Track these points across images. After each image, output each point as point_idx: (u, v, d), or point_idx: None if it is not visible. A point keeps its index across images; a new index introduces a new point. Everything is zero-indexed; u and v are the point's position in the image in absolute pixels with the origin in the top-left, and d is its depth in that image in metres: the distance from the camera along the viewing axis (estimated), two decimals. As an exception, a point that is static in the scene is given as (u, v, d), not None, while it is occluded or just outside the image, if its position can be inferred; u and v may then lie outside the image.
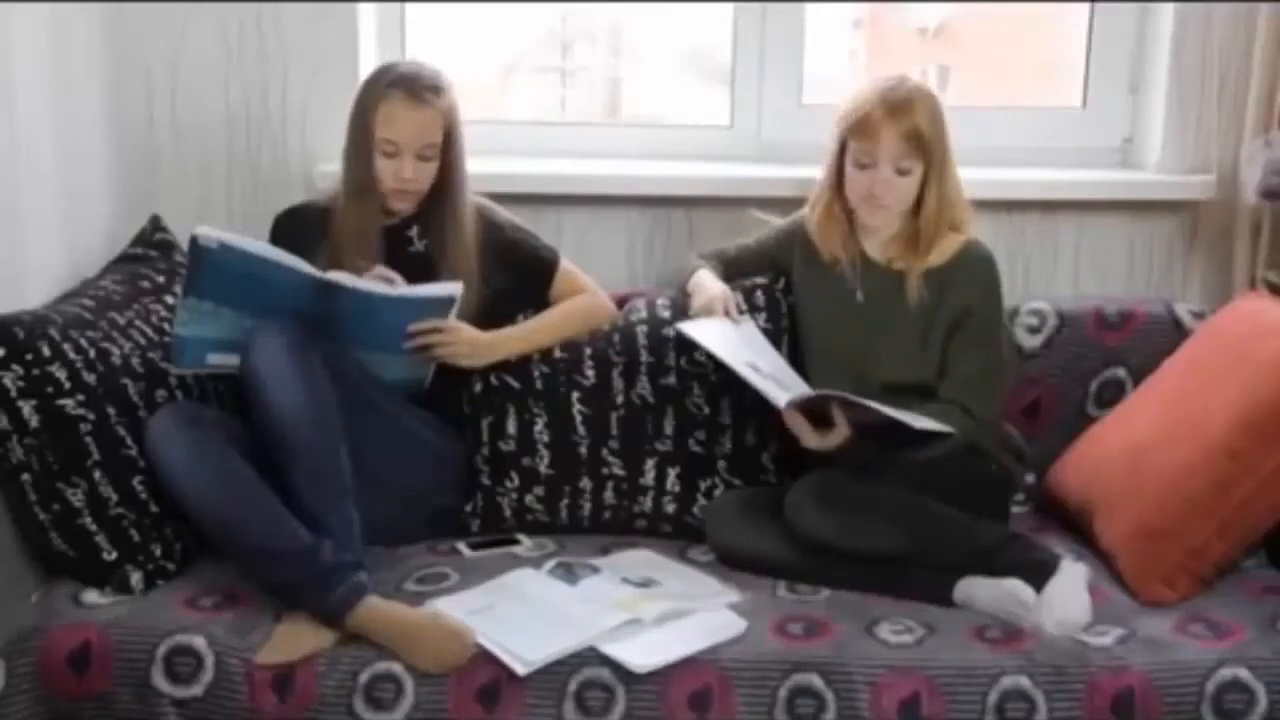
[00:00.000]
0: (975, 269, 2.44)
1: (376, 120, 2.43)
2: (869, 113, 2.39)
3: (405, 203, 2.51)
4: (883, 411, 2.24)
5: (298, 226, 2.53)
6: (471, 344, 2.48)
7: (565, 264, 2.63)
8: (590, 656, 2.08)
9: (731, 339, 2.45)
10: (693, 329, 2.46)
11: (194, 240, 2.24)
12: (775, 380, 2.38)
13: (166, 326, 2.41)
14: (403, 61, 2.55)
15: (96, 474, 2.21)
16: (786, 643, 2.12)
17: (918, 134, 2.37)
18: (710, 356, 2.44)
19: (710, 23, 3.03)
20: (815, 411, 2.33)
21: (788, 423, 2.34)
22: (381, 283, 2.40)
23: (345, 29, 2.80)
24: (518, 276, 2.58)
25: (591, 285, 2.64)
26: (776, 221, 2.66)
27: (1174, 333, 2.69)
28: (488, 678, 2.06)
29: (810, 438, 2.33)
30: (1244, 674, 2.09)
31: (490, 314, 2.52)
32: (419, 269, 2.48)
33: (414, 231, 2.54)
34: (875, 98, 2.39)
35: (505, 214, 2.61)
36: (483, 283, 2.51)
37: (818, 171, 2.53)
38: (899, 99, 2.38)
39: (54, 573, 2.26)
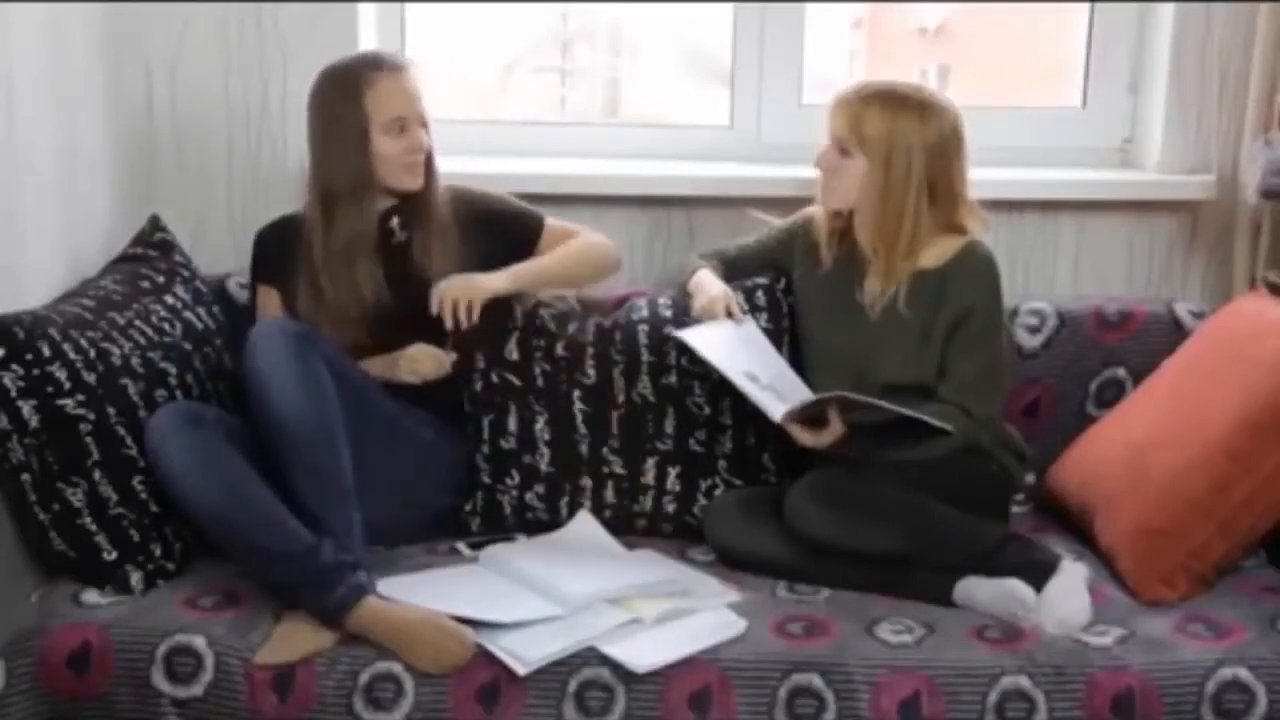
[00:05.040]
0: (975, 269, 2.44)
1: (369, 106, 2.44)
2: (837, 97, 2.43)
3: (417, 177, 2.50)
4: (883, 407, 2.24)
5: (282, 237, 2.55)
6: (460, 289, 2.40)
7: (552, 221, 2.61)
8: (590, 656, 2.08)
9: (731, 344, 2.44)
10: (691, 336, 2.44)
11: None
12: (773, 389, 2.37)
13: (166, 327, 2.41)
14: (345, 57, 2.53)
15: (96, 474, 2.21)
16: (786, 643, 2.12)
17: (859, 125, 2.38)
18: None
19: (710, 23, 3.03)
20: (814, 414, 2.33)
21: (785, 429, 2.34)
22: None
23: (345, 28, 2.80)
24: (504, 244, 2.55)
25: (583, 230, 2.61)
26: (776, 221, 2.66)
27: (1174, 333, 2.69)
28: (488, 678, 2.06)
29: (805, 437, 2.33)
30: (1244, 674, 2.09)
31: None
32: (401, 260, 2.49)
33: (395, 223, 2.54)
34: (853, 87, 2.43)
35: (479, 189, 2.61)
36: (471, 252, 2.50)
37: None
38: (865, 92, 2.40)
39: (54, 573, 2.26)
